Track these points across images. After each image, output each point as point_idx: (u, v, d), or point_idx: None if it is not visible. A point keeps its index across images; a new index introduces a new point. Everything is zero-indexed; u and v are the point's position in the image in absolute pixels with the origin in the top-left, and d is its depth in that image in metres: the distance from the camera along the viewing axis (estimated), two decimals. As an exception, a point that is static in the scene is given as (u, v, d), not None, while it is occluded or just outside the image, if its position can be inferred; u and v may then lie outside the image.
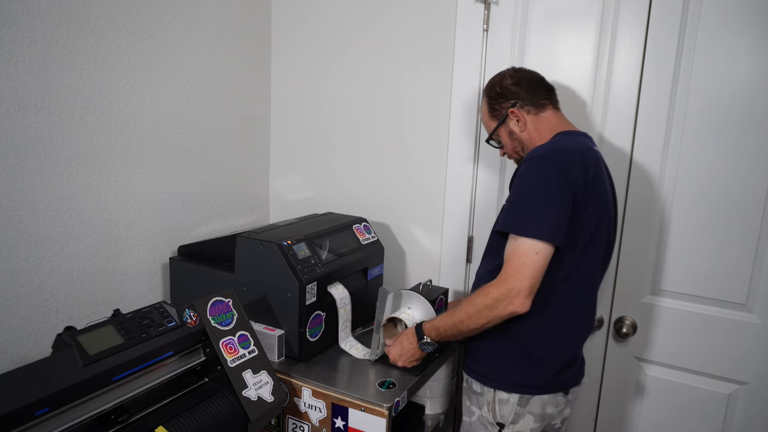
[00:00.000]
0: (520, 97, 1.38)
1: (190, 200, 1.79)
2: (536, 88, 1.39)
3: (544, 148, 1.26)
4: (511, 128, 1.40)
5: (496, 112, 1.42)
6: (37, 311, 1.37)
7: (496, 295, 1.19)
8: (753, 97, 1.43)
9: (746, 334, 1.52)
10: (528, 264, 1.17)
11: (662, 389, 1.66)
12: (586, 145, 1.29)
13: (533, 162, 1.23)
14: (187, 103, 1.73)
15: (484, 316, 1.22)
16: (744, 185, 1.47)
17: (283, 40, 2.05)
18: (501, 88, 1.40)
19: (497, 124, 1.42)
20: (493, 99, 1.42)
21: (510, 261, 1.19)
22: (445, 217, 1.86)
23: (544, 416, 1.31)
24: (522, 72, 1.42)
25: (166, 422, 1.09)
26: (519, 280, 1.17)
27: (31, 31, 1.28)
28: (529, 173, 1.22)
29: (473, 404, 1.38)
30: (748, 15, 1.41)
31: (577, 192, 1.20)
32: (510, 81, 1.39)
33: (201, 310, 1.23)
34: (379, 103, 1.91)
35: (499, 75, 1.44)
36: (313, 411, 1.39)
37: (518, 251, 1.18)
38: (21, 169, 1.30)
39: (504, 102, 1.40)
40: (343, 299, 1.56)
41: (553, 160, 1.20)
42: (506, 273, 1.19)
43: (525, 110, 1.37)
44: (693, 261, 1.56)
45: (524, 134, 1.38)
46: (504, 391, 1.31)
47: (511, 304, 1.17)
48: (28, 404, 0.89)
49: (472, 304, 1.24)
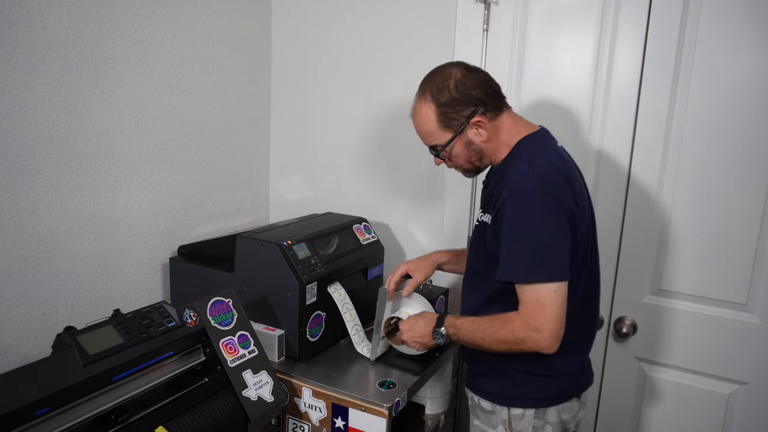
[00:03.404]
0: (483, 102, 1.21)
1: (190, 200, 1.79)
2: (494, 90, 1.24)
3: (526, 174, 1.16)
4: (469, 138, 1.24)
5: (451, 122, 1.22)
6: (37, 311, 1.37)
7: (521, 334, 1.14)
8: (753, 96, 1.43)
9: (746, 334, 1.52)
10: (549, 305, 1.11)
11: (662, 389, 1.66)
12: (559, 154, 1.24)
13: (526, 197, 1.14)
14: (187, 103, 1.73)
15: (506, 348, 1.18)
16: (744, 185, 1.47)
17: (283, 40, 2.05)
18: (458, 93, 1.20)
19: (453, 135, 1.23)
20: (446, 106, 1.21)
21: (528, 303, 1.13)
22: (445, 216, 1.86)
23: (560, 423, 1.29)
24: (475, 71, 1.23)
25: (166, 422, 1.09)
26: (545, 323, 1.11)
27: (31, 31, 1.28)
28: (525, 210, 1.14)
29: (484, 423, 1.32)
30: (748, 15, 1.41)
31: (571, 217, 1.16)
32: (470, 84, 1.20)
33: (201, 310, 1.23)
34: (379, 102, 1.91)
35: (442, 74, 1.23)
36: (313, 411, 1.39)
37: (536, 293, 1.12)
38: (21, 169, 1.30)
39: (463, 109, 1.21)
40: (345, 305, 1.54)
41: (545, 190, 1.13)
42: (528, 315, 1.13)
43: (487, 117, 1.22)
44: (693, 261, 1.56)
45: (486, 144, 1.24)
46: (518, 408, 1.26)
47: (539, 345, 1.13)
48: (28, 404, 0.89)
49: (495, 334, 1.18)
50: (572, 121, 1.63)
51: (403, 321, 1.40)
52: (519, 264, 1.14)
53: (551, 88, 1.65)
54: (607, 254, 1.61)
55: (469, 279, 1.38)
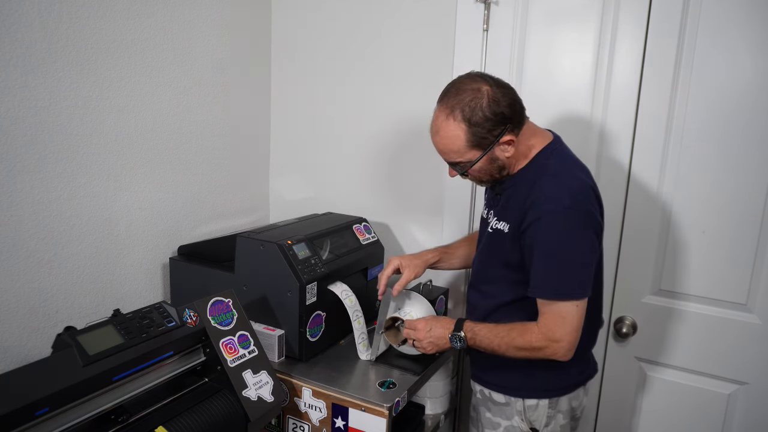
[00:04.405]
0: (512, 120, 1.18)
1: (190, 200, 1.79)
2: (521, 105, 1.22)
3: (555, 191, 1.16)
4: (495, 155, 1.21)
5: (482, 141, 1.18)
6: (37, 311, 1.37)
7: (538, 344, 1.19)
8: (753, 96, 1.43)
9: (746, 334, 1.52)
10: (569, 318, 1.17)
11: (662, 389, 1.66)
12: (581, 165, 1.27)
13: (560, 217, 1.15)
14: (187, 103, 1.73)
15: (522, 356, 1.23)
16: (745, 185, 1.47)
17: (283, 39, 2.05)
18: (492, 113, 1.15)
19: (481, 154, 1.20)
20: (478, 126, 1.16)
21: (549, 315, 1.19)
22: (445, 217, 1.86)
23: (570, 410, 1.34)
24: (504, 87, 1.19)
25: (166, 422, 1.09)
26: (564, 334, 1.17)
27: (31, 31, 1.28)
28: (560, 232, 1.16)
29: (497, 415, 1.35)
30: (748, 15, 1.41)
31: (600, 231, 1.22)
32: (503, 102, 1.16)
33: (201, 310, 1.23)
34: (379, 102, 1.91)
35: (473, 91, 1.16)
36: (313, 411, 1.39)
37: (558, 308, 1.18)
38: (21, 169, 1.30)
39: (494, 129, 1.17)
40: (356, 311, 1.51)
41: (578, 209, 1.16)
42: (547, 326, 1.18)
43: (515, 134, 1.19)
44: (693, 261, 1.56)
45: (509, 159, 1.23)
46: (533, 399, 1.31)
47: (555, 354, 1.19)
48: (28, 404, 0.89)
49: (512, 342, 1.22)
50: (572, 121, 1.63)
51: (417, 323, 1.38)
52: (550, 284, 1.19)
53: (551, 88, 1.65)
54: (607, 254, 1.60)
55: (480, 284, 1.38)
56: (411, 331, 1.38)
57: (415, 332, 1.36)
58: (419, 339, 1.36)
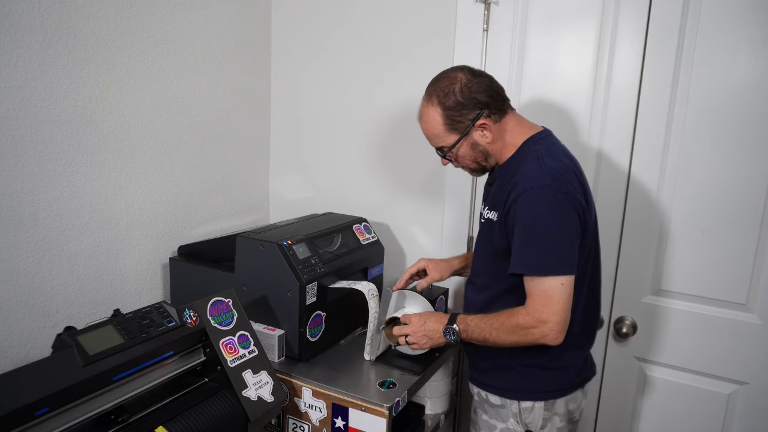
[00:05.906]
0: (488, 106, 1.25)
1: (190, 200, 1.79)
2: (498, 93, 1.27)
3: (537, 171, 1.19)
4: (475, 140, 1.28)
5: (457, 125, 1.26)
6: (37, 311, 1.37)
7: (525, 323, 1.18)
8: (753, 96, 1.43)
9: (746, 334, 1.52)
10: (555, 297, 1.16)
11: (662, 389, 1.66)
12: (568, 155, 1.29)
13: (538, 192, 1.17)
14: (187, 104, 1.73)
15: (513, 341, 1.21)
16: (744, 185, 1.47)
17: (283, 40, 2.05)
18: (464, 98, 1.24)
19: (459, 137, 1.28)
20: (452, 110, 1.25)
21: (536, 295, 1.17)
22: (445, 217, 1.86)
23: (567, 413, 1.33)
24: (480, 75, 1.27)
25: (166, 422, 1.09)
26: (551, 314, 1.16)
27: (31, 31, 1.28)
28: (538, 206, 1.17)
29: (493, 417, 1.35)
30: (748, 15, 1.41)
31: (582, 213, 1.20)
32: (474, 88, 1.24)
33: (201, 310, 1.23)
34: (379, 102, 1.91)
35: (448, 78, 1.27)
36: (313, 411, 1.39)
37: (543, 285, 1.17)
38: (21, 169, 1.30)
39: (468, 113, 1.25)
40: (375, 313, 1.47)
41: (558, 187, 1.16)
42: (534, 307, 1.17)
43: (491, 119, 1.26)
44: (693, 261, 1.56)
45: (491, 145, 1.28)
46: (528, 401, 1.30)
47: (545, 336, 1.17)
48: (28, 404, 0.89)
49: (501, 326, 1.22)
50: (572, 121, 1.63)
51: (411, 317, 1.38)
52: (530, 257, 1.18)
53: (551, 88, 1.65)
54: (607, 254, 1.61)
55: (475, 277, 1.40)
56: (405, 326, 1.38)
57: (410, 326, 1.37)
58: (413, 332, 1.36)
